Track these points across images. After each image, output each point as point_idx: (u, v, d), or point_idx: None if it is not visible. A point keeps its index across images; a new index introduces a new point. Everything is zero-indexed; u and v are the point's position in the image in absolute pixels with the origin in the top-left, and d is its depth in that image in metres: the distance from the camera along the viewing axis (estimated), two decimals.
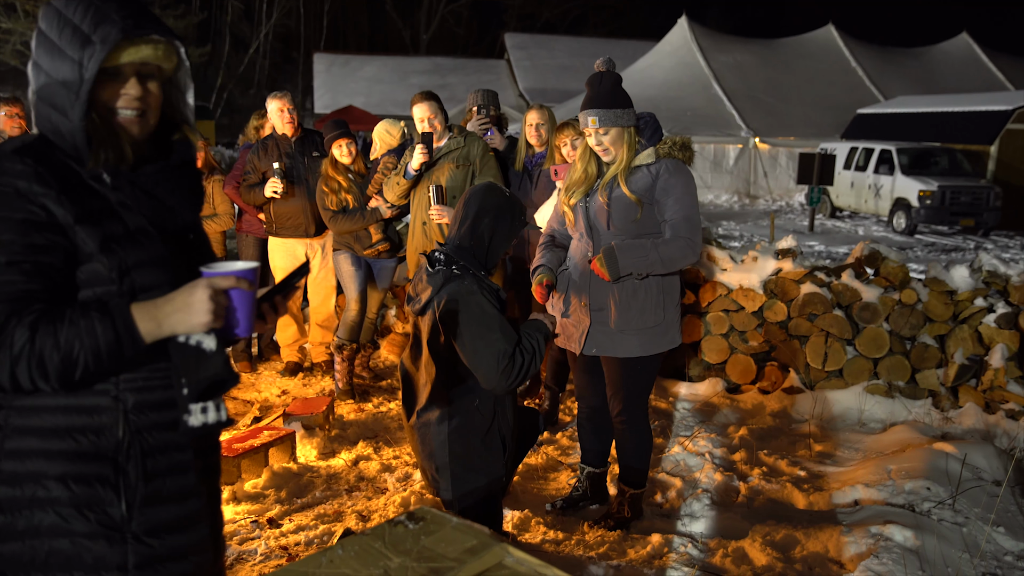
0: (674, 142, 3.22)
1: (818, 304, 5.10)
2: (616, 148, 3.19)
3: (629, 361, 3.31)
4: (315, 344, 5.77)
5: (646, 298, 3.23)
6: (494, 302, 2.70)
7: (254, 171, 5.47)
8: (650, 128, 3.25)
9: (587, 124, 3.18)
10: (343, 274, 5.18)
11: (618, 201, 3.19)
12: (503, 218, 2.82)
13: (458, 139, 4.76)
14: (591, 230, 3.29)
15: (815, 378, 5.15)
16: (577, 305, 3.35)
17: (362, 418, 4.83)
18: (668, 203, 3.15)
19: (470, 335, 2.63)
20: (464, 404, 2.74)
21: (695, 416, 4.93)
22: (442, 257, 2.76)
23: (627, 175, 3.19)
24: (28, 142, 1.49)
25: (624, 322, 3.25)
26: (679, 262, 3.16)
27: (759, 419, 4.88)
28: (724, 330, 5.27)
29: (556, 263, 3.47)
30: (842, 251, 12.87)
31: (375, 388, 5.48)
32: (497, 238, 2.82)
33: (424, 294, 2.73)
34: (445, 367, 2.71)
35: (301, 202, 5.36)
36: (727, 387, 5.28)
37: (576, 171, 3.35)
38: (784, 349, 5.18)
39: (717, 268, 5.34)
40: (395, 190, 4.77)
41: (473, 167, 4.72)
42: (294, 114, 5.45)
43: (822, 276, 5.20)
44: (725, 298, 5.26)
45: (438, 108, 4.72)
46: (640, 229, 3.20)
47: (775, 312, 5.17)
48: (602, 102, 3.15)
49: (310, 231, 5.46)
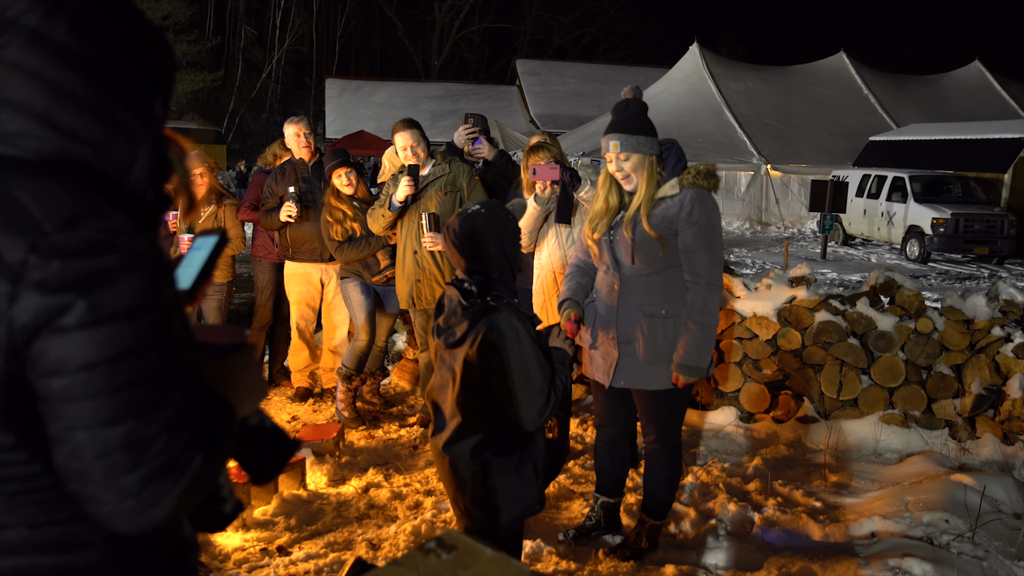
0: (698, 171, 3.20)
1: (832, 332, 5.08)
2: (637, 176, 3.18)
3: (659, 394, 3.30)
4: (327, 370, 5.77)
5: (676, 328, 3.22)
6: (531, 332, 2.67)
7: (272, 196, 5.51)
8: (673, 156, 3.24)
9: (608, 148, 3.17)
10: (352, 302, 5.19)
11: (642, 237, 3.18)
12: (504, 233, 2.76)
13: (443, 166, 4.79)
14: (617, 264, 3.29)
15: (830, 407, 5.12)
16: (605, 338, 3.34)
17: (372, 445, 4.82)
18: (690, 236, 3.14)
19: (508, 372, 2.58)
20: (497, 437, 2.70)
21: (709, 445, 4.90)
22: (474, 289, 2.70)
23: (651, 209, 3.17)
24: None
25: (653, 354, 3.23)
26: (717, 308, 3.18)
27: (773, 448, 4.84)
28: (738, 358, 5.25)
29: (582, 295, 3.46)
30: (855, 279, 12.82)
31: (385, 415, 5.46)
32: (510, 253, 2.78)
33: (460, 327, 2.66)
34: (478, 400, 2.67)
35: (316, 226, 5.38)
36: (741, 416, 5.25)
37: (598, 202, 3.34)
38: (798, 378, 5.15)
39: (731, 296, 5.33)
40: (380, 222, 4.77)
41: (461, 193, 4.74)
42: (310, 139, 5.50)
43: (836, 304, 5.18)
44: (739, 326, 5.24)
45: (420, 136, 4.75)
46: (666, 263, 3.20)
47: (789, 340, 5.15)
48: (626, 127, 3.14)
49: (325, 255, 5.48)
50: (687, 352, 3.13)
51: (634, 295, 3.25)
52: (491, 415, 2.67)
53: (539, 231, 4.38)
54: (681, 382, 3.17)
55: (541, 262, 4.43)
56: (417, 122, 4.81)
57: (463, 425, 2.69)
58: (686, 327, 3.15)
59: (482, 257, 2.70)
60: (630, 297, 3.26)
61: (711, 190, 3.22)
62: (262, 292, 5.87)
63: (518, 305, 2.72)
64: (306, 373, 5.82)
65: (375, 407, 5.59)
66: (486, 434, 2.69)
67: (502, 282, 2.72)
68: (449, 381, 2.72)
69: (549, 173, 3.97)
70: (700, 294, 3.13)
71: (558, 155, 4.31)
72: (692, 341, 3.13)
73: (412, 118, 4.86)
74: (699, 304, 3.12)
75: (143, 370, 1.02)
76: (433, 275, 4.79)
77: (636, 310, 3.24)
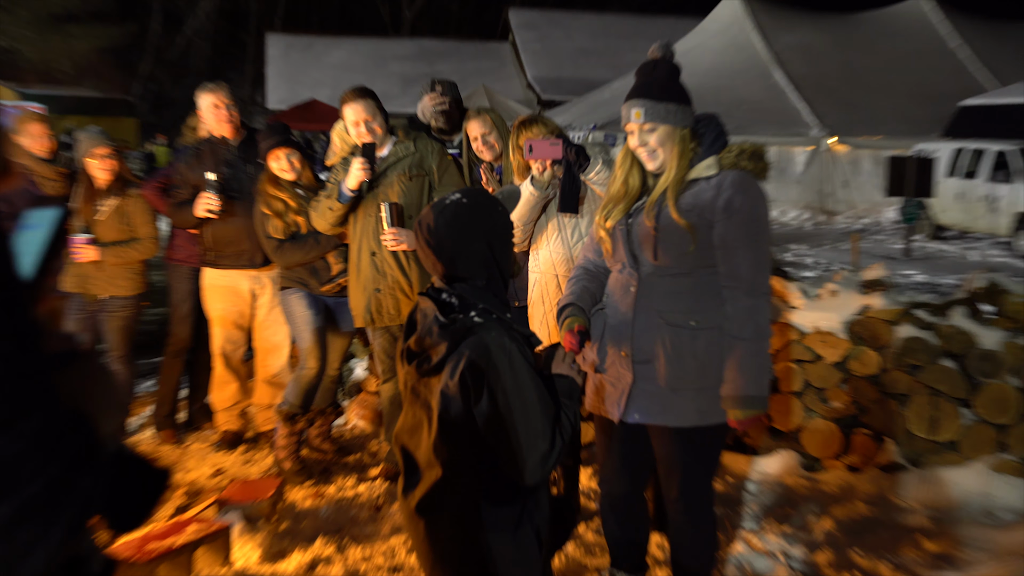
0: (742, 150, 3.26)
1: (920, 352, 5.05)
2: (665, 152, 3.22)
3: (685, 432, 3.27)
4: (261, 407, 5.79)
5: (708, 346, 3.20)
6: (528, 356, 2.67)
7: (184, 184, 5.52)
8: (711, 132, 3.27)
9: (629, 118, 3.21)
10: (295, 319, 5.20)
11: (667, 226, 3.19)
12: (493, 229, 2.79)
13: (406, 144, 4.87)
14: (634, 260, 3.30)
15: (921, 451, 5.08)
16: (616, 356, 3.33)
17: (321, 506, 4.80)
18: (729, 230, 3.15)
19: (503, 412, 2.57)
20: (488, 493, 2.68)
21: (763, 502, 4.87)
22: (455, 301, 2.70)
23: (679, 192, 3.20)
24: None
25: (678, 378, 3.21)
26: (768, 319, 3.19)
27: (848, 507, 4.81)
28: (797, 387, 5.24)
29: (589, 301, 3.48)
30: (949, 282, 12.85)
31: (339, 465, 5.45)
32: (501, 255, 2.80)
33: (436, 351, 2.65)
34: (462, 445, 2.65)
35: (245, 223, 5.39)
36: (804, 462, 5.23)
37: (615, 183, 3.37)
38: (878, 412, 5.12)
39: (785, 305, 5.34)
40: (326, 217, 4.85)
41: (430, 177, 4.83)
42: (233, 111, 5.53)
43: (925, 316, 5.17)
44: (797, 345, 5.23)
45: (376, 108, 4.83)
46: (696, 262, 3.19)
47: (864, 363, 5.13)
48: (652, 92, 3.18)
49: (256, 260, 5.50)
50: (740, 379, 3.12)
51: (655, 300, 3.25)
52: (479, 465, 2.66)
53: (536, 224, 4.37)
54: (736, 421, 3.15)
55: (540, 264, 4.42)
56: (371, 91, 4.87)
57: (443, 479, 2.67)
58: (731, 348, 3.14)
59: (465, 260, 2.71)
60: (650, 302, 3.26)
61: (758, 176, 3.23)
62: (179, 306, 5.90)
63: (511, 321, 2.72)
64: (235, 412, 5.82)
65: (326, 455, 5.57)
66: (473, 490, 2.67)
67: (490, 292, 2.73)
68: (423, 420, 2.71)
69: (549, 150, 3.99)
70: (742, 304, 3.15)
71: (556, 130, 4.36)
72: (744, 364, 3.12)
73: (365, 86, 4.92)
74: (742, 316, 3.14)
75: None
76: (397, 283, 4.83)
77: (657, 319, 3.24)
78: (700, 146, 3.25)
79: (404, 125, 5.06)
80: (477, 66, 36.59)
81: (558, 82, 35.71)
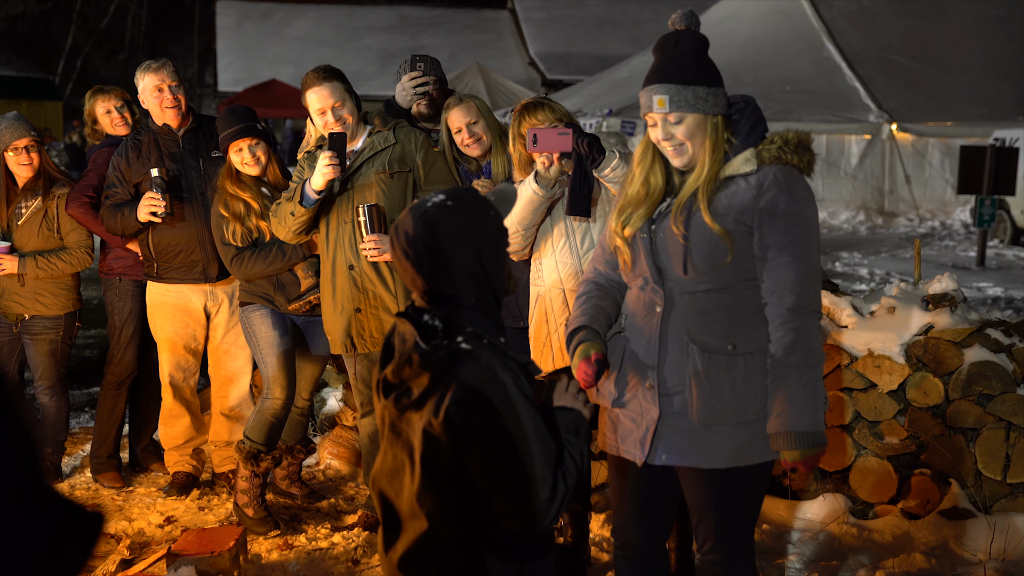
0: (785, 140, 3.24)
1: (993, 379, 5.08)
2: (694, 145, 3.20)
3: (721, 475, 3.28)
4: (219, 444, 5.77)
5: (748, 374, 3.22)
6: (525, 389, 2.66)
7: (121, 183, 5.48)
8: (748, 119, 3.26)
9: (651, 107, 3.19)
10: (258, 340, 5.20)
11: (699, 233, 3.18)
12: (483, 236, 2.75)
13: (384, 134, 4.81)
14: (659, 274, 3.29)
15: (992, 495, 5.11)
16: (638, 388, 3.34)
17: (290, 559, 4.80)
18: (772, 237, 3.16)
19: (496, 456, 2.57)
20: (481, 547, 2.69)
21: (804, 553, 4.89)
22: (439, 324, 2.68)
23: (713, 192, 3.19)
24: None
25: (712, 413, 3.22)
26: (819, 341, 3.19)
27: (905, 559, 4.83)
28: (846, 420, 5.26)
29: (604, 323, 3.46)
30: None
31: (310, 511, 5.45)
32: (492, 268, 2.77)
33: (417, 383, 2.64)
34: (449, 492, 2.66)
35: (196, 228, 5.41)
36: (854, 508, 5.25)
37: (633, 183, 3.35)
38: (941, 449, 5.14)
39: (834, 324, 5.35)
40: (288, 223, 4.76)
41: (414, 173, 4.78)
42: (179, 94, 5.47)
43: (999, 336, 5.19)
44: (847, 370, 5.25)
45: (345, 92, 4.77)
46: (734, 275, 3.21)
47: (925, 392, 5.16)
48: (675, 74, 3.16)
49: (210, 272, 5.49)
50: (792, 412, 3.11)
51: (685, 321, 3.25)
52: (470, 516, 2.67)
53: (539, 228, 4.41)
54: (791, 462, 3.14)
55: (543, 276, 4.46)
56: (338, 71, 4.82)
57: (429, 532, 2.68)
58: (778, 377, 3.15)
59: (449, 274, 2.69)
60: (679, 324, 3.25)
61: (804, 171, 3.24)
62: (121, 329, 5.85)
63: (505, 347, 2.71)
64: (187, 451, 5.80)
65: (294, 500, 5.58)
66: (464, 545, 2.68)
67: (480, 312, 2.73)
68: (405, 463, 2.71)
69: (557, 141, 4.01)
70: (789, 324, 3.14)
71: (566, 117, 4.35)
72: (795, 396, 3.11)
73: (330, 66, 4.86)
74: (790, 339, 3.13)
75: None
76: (381, 300, 4.80)
77: (689, 344, 3.24)
78: (735, 136, 3.22)
79: (380, 112, 5.03)
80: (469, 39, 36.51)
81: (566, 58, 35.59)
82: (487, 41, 37.33)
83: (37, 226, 5.54)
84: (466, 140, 4.95)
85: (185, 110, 5.53)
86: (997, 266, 15.89)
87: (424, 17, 38.83)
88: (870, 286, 13.36)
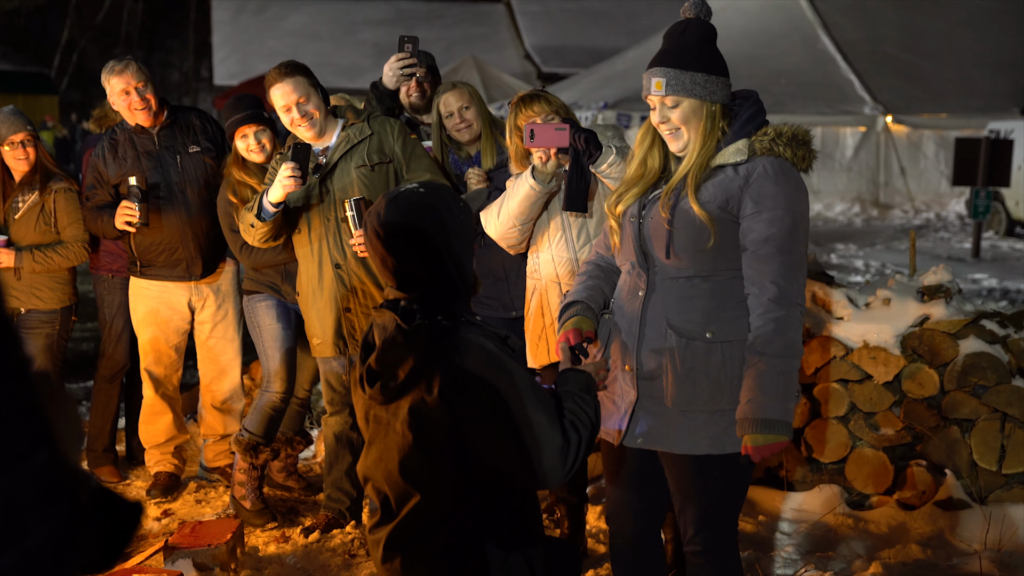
0: (779, 132, 3.24)
1: (988, 371, 5.09)
2: (688, 130, 3.21)
3: (696, 462, 3.29)
4: (211, 438, 5.78)
5: (723, 363, 3.22)
6: (508, 350, 2.75)
7: (100, 184, 5.47)
8: (748, 109, 3.27)
9: (650, 89, 3.21)
10: (261, 331, 5.21)
11: (683, 217, 3.20)
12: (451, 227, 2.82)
13: (359, 127, 4.77)
14: (644, 258, 3.31)
15: (987, 485, 5.12)
16: (619, 370, 3.36)
17: (288, 552, 4.81)
18: (758, 227, 3.16)
19: (496, 415, 2.64)
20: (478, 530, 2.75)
21: (799, 544, 4.89)
22: (416, 308, 2.75)
23: (702, 180, 3.20)
24: None
25: (687, 399, 3.23)
26: (799, 334, 3.18)
27: (901, 549, 4.84)
28: (842, 411, 5.27)
29: (599, 302, 3.51)
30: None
31: (307, 504, 5.45)
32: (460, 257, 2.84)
33: (403, 366, 2.70)
34: (443, 464, 2.71)
35: (178, 226, 5.39)
36: (849, 499, 5.26)
37: (632, 163, 3.39)
38: (936, 440, 5.16)
39: (829, 316, 5.35)
40: (251, 235, 4.72)
41: (395, 163, 4.74)
42: (148, 93, 5.38)
43: (994, 328, 5.20)
44: (842, 361, 5.26)
45: (310, 87, 4.71)
46: (716, 263, 3.22)
47: (920, 383, 5.17)
48: (677, 60, 3.18)
49: (195, 270, 5.48)
50: (762, 399, 3.10)
51: (666, 306, 3.26)
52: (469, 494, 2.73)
53: (536, 223, 4.42)
54: (752, 449, 3.13)
55: (539, 269, 4.48)
56: (302, 65, 4.76)
57: (421, 504, 2.73)
58: (754, 364, 3.14)
59: (419, 257, 2.78)
60: (660, 309, 3.27)
61: (797, 165, 3.24)
62: (111, 323, 5.86)
63: (482, 322, 2.81)
64: (169, 449, 5.75)
65: (291, 493, 5.58)
66: (461, 524, 2.73)
67: (452, 295, 2.81)
68: (393, 449, 2.76)
69: (554, 136, 4.02)
70: (770, 314, 3.13)
71: (562, 109, 4.36)
72: (766, 383, 3.11)
73: (294, 61, 4.81)
74: (769, 329, 3.12)
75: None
76: (371, 297, 4.76)
77: (667, 329, 3.25)
78: (731, 125, 3.24)
79: (350, 106, 4.96)
80: (465, 32, 36.48)
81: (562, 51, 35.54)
82: (483, 35, 37.32)
83: (34, 220, 5.53)
84: (457, 124, 4.97)
85: (157, 107, 5.42)
86: (992, 257, 15.94)
87: (420, 11, 38.77)
88: (865, 278, 13.35)
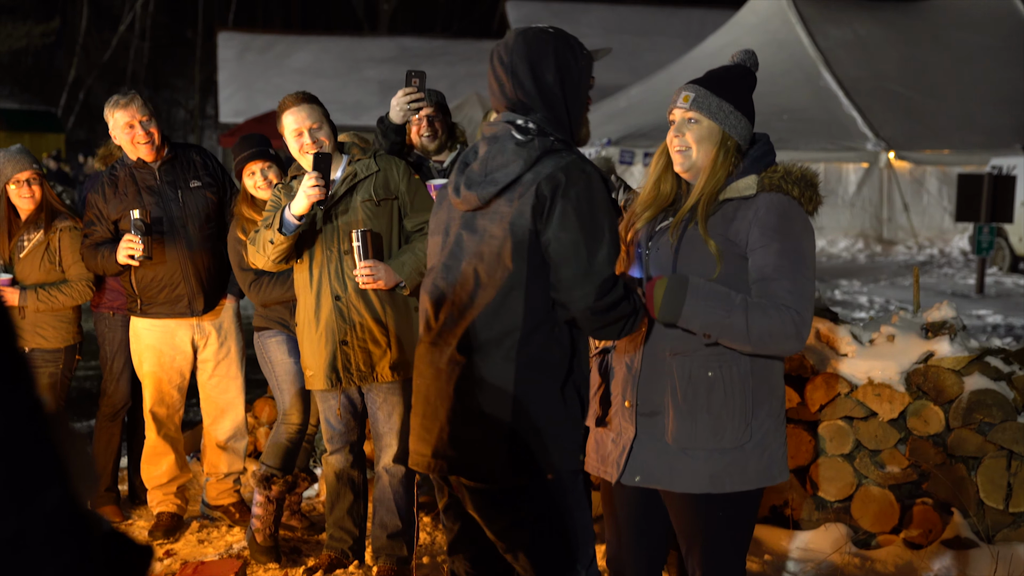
0: (788, 171, 3.26)
1: (994, 408, 5.08)
2: (700, 152, 3.23)
3: (698, 501, 3.27)
4: (215, 477, 5.76)
5: (725, 399, 3.21)
6: (605, 190, 3.02)
7: (99, 220, 5.47)
8: (759, 149, 3.32)
9: (676, 102, 3.28)
10: (274, 366, 5.22)
11: (691, 246, 3.21)
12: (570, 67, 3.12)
13: (366, 162, 4.76)
14: None
15: (995, 524, 5.10)
16: (619, 406, 3.34)
17: None
18: (767, 257, 3.17)
19: (570, 228, 2.89)
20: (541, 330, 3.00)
21: None
22: (532, 126, 3.00)
23: (711, 212, 3.22)
24: None
25: (688, 436, 3.22)
26: (773, 344, 3.15)
27: None
28: (847, 449, 5.25)
29: None
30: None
31: (310, 544, 5.43)
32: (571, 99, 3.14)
33: (506, 169, 2.96)
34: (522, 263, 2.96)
35: (180, 262, 5.39)
36: (855, 538, 5.23)
37: (646, 186, 3.42)
38: (942, 478, 5.14)
39: (834, 353, 5.34)
40: (267, 251, 4.61)
41: (400, 201, 4.74)
42: (152, 127, 5.41)
43: (999, 364, 5.19)
44: (847, 398, 5.25)
45: (322, 116, 4.73)
46: None
47: (926, 421, 5.15)
48: (712, 83, 3.29)
49: (196, 306, 5.47)
50: (697, 289, 3.09)
51: (668, 340, 3.24)
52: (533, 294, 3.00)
53: None
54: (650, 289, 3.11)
55: None
56: (314, 97, 4.78)
57: (492, 307, 3.00)
58: (739, 296, 3.14)
59: (536, 85, 3.07)
60: (661, 342, 3.25)
61: (803, 205, 3.25)
62: (112, 361, 5.85)
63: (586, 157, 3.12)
64: (172, 490, 5.72)
65: (295, 533, 5.57)
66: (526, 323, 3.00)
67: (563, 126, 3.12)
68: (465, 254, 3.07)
69: None
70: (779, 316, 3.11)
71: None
72: (717, 300, 3.09)
73: (308, 92, 4.83)
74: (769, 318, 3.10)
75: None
76: (369, 332, 4.65)
77: (669, 362, 3.24)
78: (743, 161, 3.27)
79: (354, 143, 4.95)
80: (468, 70, 36.55)
81: None
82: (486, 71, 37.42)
83: (39, 259, 5.55)
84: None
85: (159, 142, 5.45)
86: (996, 294, 15.97)
87: (424, 48, 38.99)
88: (869, 314, 13.37)
